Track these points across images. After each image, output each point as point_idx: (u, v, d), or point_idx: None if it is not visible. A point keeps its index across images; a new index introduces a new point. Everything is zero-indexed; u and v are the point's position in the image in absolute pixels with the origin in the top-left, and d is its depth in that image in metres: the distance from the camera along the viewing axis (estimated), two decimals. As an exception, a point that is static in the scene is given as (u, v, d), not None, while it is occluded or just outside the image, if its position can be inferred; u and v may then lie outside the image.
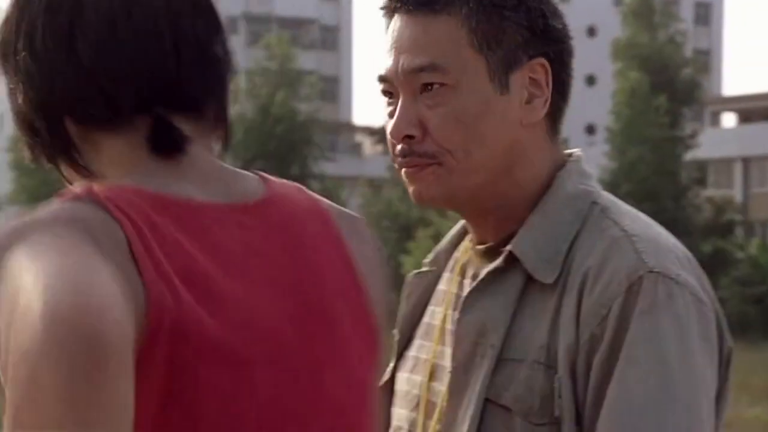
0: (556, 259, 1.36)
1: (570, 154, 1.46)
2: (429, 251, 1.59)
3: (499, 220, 1.42)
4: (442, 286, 1.52)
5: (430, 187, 1.40)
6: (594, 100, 50.32)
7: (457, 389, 1.40)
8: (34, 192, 31.29)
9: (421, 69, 1.38)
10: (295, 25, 54.28)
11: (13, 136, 37.52)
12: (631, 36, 35.09)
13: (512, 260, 1.38)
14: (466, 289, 1.44)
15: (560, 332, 1.32)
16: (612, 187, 32.69)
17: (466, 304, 1.41)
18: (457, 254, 1.52)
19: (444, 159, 1.38)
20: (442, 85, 1.38)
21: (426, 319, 1.53)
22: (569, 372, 1.31)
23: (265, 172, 1.21)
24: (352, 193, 36.17)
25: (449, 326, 1.46)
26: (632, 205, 1.45)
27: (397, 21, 1.41)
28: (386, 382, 1.52)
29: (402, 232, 31.03)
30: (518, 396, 1.34)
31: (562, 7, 1.47)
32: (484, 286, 1.40)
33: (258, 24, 53.55)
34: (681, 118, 33.00)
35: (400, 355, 1.54)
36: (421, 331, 1.53)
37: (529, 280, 1.37)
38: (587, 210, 1.39)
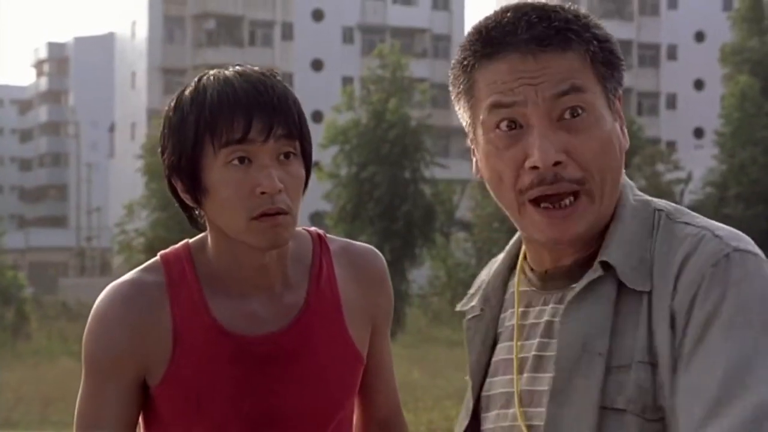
0: (641, 267, 1.40)
1: None
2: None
3: (576, 242, 1.46)
4: (508, 322, 1.56)
5: (580, 220, 1.43)
6: (702, 104, 50.16)
7: (562, 393, 1.42)
8: (163, 196, 31.60)
9: (565, 93, 1.41)
10: (407, 35, 54.85)
11: (144, 144, 36.28)
12: (740, 41, 35.15)
13: (605, 270, 1.42)
14: (531, 318, 1.51)
15: (657, 332, 1.36)
16: (721, 188, 32.71)
17: (567, 314, 1.44)
18: (511, 289, 1.57)
19: (589, 185, 1.42)
20: (583, 110, 1.42)
21: (499, 356, 1.56)
22: (672, 368, 1.35)
23: (378, 176, 1.55)
24: (463, 197, 36.84)
25: (524, 354, 1.50)
26: (743, 207, 1.60)
27: (507, 60, 1.43)
28: (468, 426, 1.57)
29: (511, 234, 31.27)
30: (631, 397, 1.37)
31: (670, 14, 1.58)
32: (581, 298, 1.43)
33: (372, 34, 54.39)
34: (791, 121, 32.73)
35: (478, 397, 1.57)
36: (494, 369, 1.56)
37: (620, 287, 1.41)
38: (652, 218, 1.45)
